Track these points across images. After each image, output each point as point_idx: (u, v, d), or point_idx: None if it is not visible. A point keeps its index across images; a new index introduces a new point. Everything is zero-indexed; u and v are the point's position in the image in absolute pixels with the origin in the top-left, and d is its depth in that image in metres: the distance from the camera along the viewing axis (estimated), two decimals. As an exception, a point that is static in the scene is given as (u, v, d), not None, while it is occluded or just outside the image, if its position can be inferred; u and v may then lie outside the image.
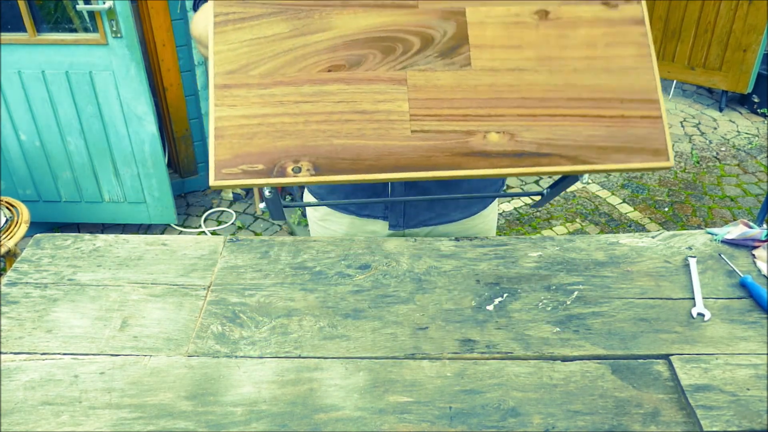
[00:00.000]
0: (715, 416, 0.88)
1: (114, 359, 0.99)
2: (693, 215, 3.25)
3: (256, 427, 0.88)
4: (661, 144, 0.66)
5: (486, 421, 0.89)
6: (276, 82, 0.65)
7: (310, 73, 0.66)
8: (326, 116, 0.64)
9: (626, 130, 0.66)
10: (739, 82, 4.04)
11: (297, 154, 0.63)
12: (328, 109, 0.64)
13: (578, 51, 0.70)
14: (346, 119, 0.64)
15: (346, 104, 0.65)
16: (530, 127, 0.66)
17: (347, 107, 0.65)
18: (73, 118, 2.73)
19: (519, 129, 0.65)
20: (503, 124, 0.65)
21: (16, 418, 0.90)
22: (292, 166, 0.63)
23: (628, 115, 0.67)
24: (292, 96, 0.65)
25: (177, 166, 3.42)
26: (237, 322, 1.06)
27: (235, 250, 1.22)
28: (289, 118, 0.64)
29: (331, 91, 0.65)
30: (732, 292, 1.09)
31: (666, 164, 0.66)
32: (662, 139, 0.66)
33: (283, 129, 0.63)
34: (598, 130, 0.66)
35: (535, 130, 0.65)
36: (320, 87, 0.65)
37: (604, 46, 0.70)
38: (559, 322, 1.05)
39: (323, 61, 0.66)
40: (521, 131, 0.65)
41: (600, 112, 0.67)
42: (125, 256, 1.20)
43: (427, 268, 1.16)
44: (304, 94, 0.65)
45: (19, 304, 1.09)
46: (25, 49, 2.56)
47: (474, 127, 0.65)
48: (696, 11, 4.05)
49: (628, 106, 0.68)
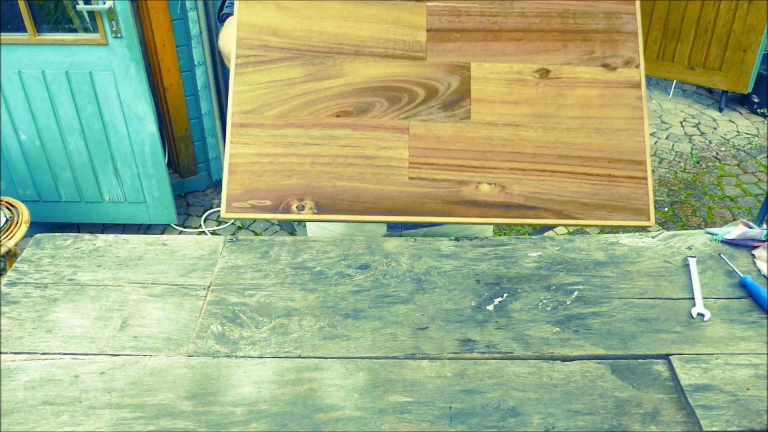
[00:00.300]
0: (714, 416, 0.88)
1: (114, 359, 0.99)
2: (693, 215, 3.25)
3: (256, 427, 0.88)
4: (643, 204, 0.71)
5: (486, 421, 0.89)
6: (288, 124, 0.70)
7: (319, 117, 0.71)
8: (331, 159, 0.69)
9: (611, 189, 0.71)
10: (739, 82, 4.04)
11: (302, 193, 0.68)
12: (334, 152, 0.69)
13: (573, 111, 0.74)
14: (349, 163, 0.69)
15: (351, 149, 0.70)
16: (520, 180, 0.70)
17: (351, 152, 0.70)
18: (73, 118, 2.73)
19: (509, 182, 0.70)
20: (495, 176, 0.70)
21: (16, 418, 0.90)
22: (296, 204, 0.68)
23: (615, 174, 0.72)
24: (302, 138, 0.70)
25: (177, 166, 3.41)
26: (237, 322, 1.06)
27: (235, 250, 1.22)
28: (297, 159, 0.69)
29: (338, 135, 0.70)
30: (732, 292, 1.09)
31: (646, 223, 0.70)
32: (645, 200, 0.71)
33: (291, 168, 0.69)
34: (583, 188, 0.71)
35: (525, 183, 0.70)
36: (328, 131, 0.70)
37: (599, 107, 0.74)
38: (559, 322, 1.05)
39: (333, 107, 0.71)
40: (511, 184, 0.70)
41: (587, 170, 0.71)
42: (125, 256, 1.20)
43: (427, 268, 1.16)
44: (313, 137, 0.70)
45: (19, 304, 1.09)
46: (25, 49, 2.56)
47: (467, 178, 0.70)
48: (696, 11, 4.05)
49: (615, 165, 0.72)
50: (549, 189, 0.70)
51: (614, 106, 0.74)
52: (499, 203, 0.69)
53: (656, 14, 4.24)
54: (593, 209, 0.70)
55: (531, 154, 0.71)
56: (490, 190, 0.69)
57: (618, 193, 0.70)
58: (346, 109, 0.71)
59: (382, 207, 0.67)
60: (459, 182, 0.69)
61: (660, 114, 4.30)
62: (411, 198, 0.68)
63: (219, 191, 3.44)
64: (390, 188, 0.68)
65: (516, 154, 0.71)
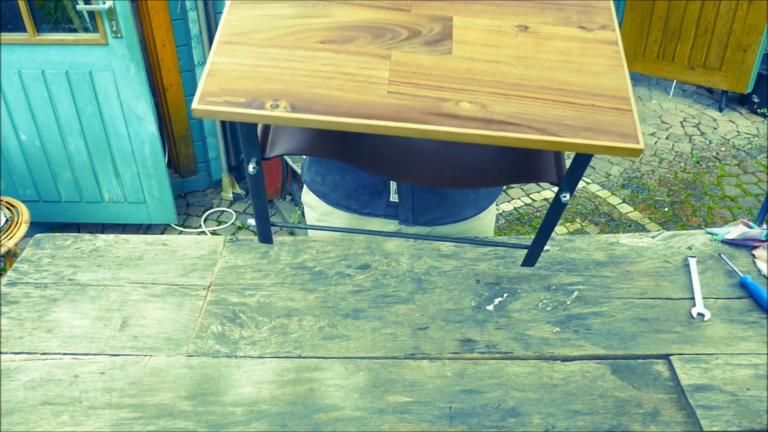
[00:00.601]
0: (715, 416, 0.88)
1: (114, 359, 0.99)
2: (693, 215, 3.25)
3: (256, 427, 0.88)
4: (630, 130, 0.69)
5: (486, 421, 0.89)
6: (273, 45, 0.74)
7: (304, 43, 0.74)
8: (312, 72, 0.71)
9: (595, 116, 0.70)
10: (739, 82, 4.04)
11: (278, 95, 0.69)
12: (315, 67, 0.71)
13: (553, 56, 0.76)
14: (329, 77, 0.71)
15: (332, 66, 0.72)
16: (501, 102, 0.70)
17: (332, 69, 0.72)
18: (73, 118, 2.73)
19: (491, 102, 0.70)
20: (475, 97, 0.70)
21: (16, 418, 0.90)
22: (270, 102, 0.68)
23: (599, 105, 0.71)
24: (285, 56, 0.72)
25: (177, 166, 3.41)
26: (237, 322, 1.06)
27: (235, 250, 1.22)
28: (277, 70, 0.71)
29: (321, 56, 0.73)
30: (732, 292, 1.09)
31: (635, 146, 0.68)
32: (632, 126, 0.69)
33: (270, 76, 0.70)
34: (567, 112, 0.70)
35: (506, 105, 0.70)
36: (312, 53, 0.73)
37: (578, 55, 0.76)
38: (559, 322, 1.05)
39: (318, 36, 0.75)
40: (493, 104, 0.70)
41: (570, 100, 0.71)
42: (125, 256, 1.20)
43: (427, 268, 1.16)
44: (296, 56, 0.73)
45: (19, 304, 1.09)
46: (25, 49, 2.56)
47: (448, 96, 0.70)
48: (696, 11, 4.05)
49: (598, 98, 0.72)
50: (531, 111, 0.69)
51: (593, 55, 0.76)
52: (479, 118, 0.68)
53: (656, 14, 4.24)
54: (578, 130, 0.68)
55: (512, 84, 0.72)
56: (470, 108, 0.69)
57: (603, 119, 0.69)
58: (331, 38, 0.75)
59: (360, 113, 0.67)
60: (439, 98, 0.70)
61: (660, 114, 4.30)
62: (389, 108, 0.68)
63: (219, 191, 3.44)
64: (368, 98, 0.69)
65: (497, 83, 0.72)
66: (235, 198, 3.38)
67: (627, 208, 3.30)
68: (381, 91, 0.70)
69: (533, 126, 0.69)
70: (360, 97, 0.69)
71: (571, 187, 0.81)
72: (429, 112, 0.69)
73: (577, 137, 0.68)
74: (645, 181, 3.54)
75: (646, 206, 3.32)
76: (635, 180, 3.55)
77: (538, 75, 0.74)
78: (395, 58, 0.74)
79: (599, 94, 0.72)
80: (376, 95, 0.70)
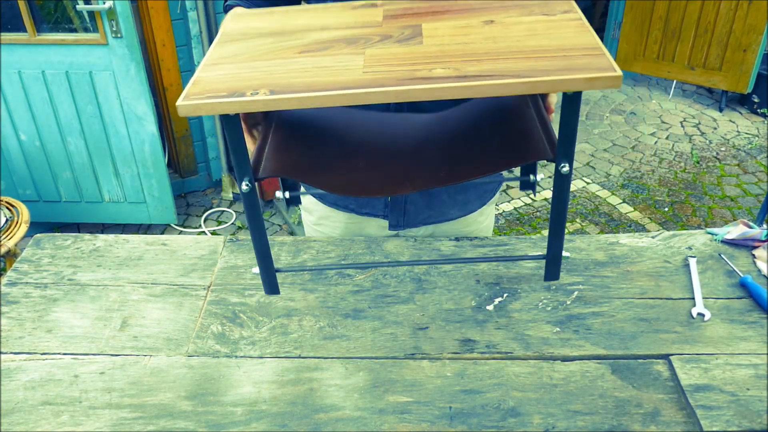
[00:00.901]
0: (715, 416, 0.88)
1: (114, 359, 0.99)
2: (693, 215, 3.25)
3: (256, 427, 0.88)
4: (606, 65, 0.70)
5: (486, 421, 0.89)
6: (254, 60, 0.79)
7: (283, 55, 0.80)
8: (290, 70, 0.76)
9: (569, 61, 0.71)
10: (739, 82, 4.04)
11: (257, 87, 0.72)
12: (293, 68, 0.76)
13: (521, 33, 0.79)
14: (306, 70, 0.75)
15: (309, 65, 0.76)
16: (474, 64, 0.72)
17: (310, 66, 0.76)
18: (73, 118, 2.73)
19: (463, 65, 0.72)
20: (448, 64, 0.73)
21: (16, 418, 0.90)
22: (250, 92, 0.72)
23: (570, 55, 0.73)
24: (265, 65, 0.78)
25: (177, 166, 3.42)
26: (237, 322, 1.06)
27: (235, 250, 1.22)
28: (257, 73, 0.76)
29: (298, 61, 0.78)
30: (732, 292, 1.09)
31: (613, 74, 0.68)
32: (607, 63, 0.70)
33: (250, 77, 0.75)
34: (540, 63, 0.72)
35: (479, 65, 0.72)
36: (290, 60, 0.78)
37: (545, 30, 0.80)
38: (559, 322, 1.05)
39: (297, 49, 0.80)
40: (465, 66, 0.72)
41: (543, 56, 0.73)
42: (125, 256, 1.20)
43: (427, 268, 1.16)
44: (275, 64, 0.78)
45: (19, 304, 1.09)
46: (25, 49, 2.56)
47: (421, 67, 0.73)
48: (696, 11, 4.05)
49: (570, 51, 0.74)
50: (504, 66, 0.71)
51: (560, 28, 0.80)
52: (453, 77, 0.70)
53: (656, 14, 4.24)
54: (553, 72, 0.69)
55: (483, 53, 0.75)
56: (443, 71, 0.71)
57: (576, 62, 0.71)
58: (309, 49, 0.81)
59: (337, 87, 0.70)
60: (412, 70, 0.73)
61: (660, 114, 4.30)
62: (366, 81, 0.71)
63: (219, 191, 3.44)
64: (344, 78, 0.72)
65: (468, 54, 0.75)
66: (235, 198, 3.38)
67: (627, 208, 3.30)
68: (357, 72, 0.73)
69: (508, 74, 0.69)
70: (336, 78, 0.72)
71: (568, 154, 0.79)
72: (404, 79, 0.71)
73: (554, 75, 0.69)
74: (645, 181, 3.54)
75: (646, 206, 3.32)
76: (635, 180, 3.55)
77: (507, 45, 0.76)
78: (369, 53, 0.78)
79: (570, 48, 0.74)
80: (353, 75, 0.73)
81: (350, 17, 0.89)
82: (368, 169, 0.89)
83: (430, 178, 0.86)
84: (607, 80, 0.68)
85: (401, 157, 0.91)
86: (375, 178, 0.88)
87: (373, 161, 0.91)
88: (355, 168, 0.89)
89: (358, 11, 0.90)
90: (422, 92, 0.69)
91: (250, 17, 0.92)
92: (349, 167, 0.89)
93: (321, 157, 0.90)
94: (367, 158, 0.91)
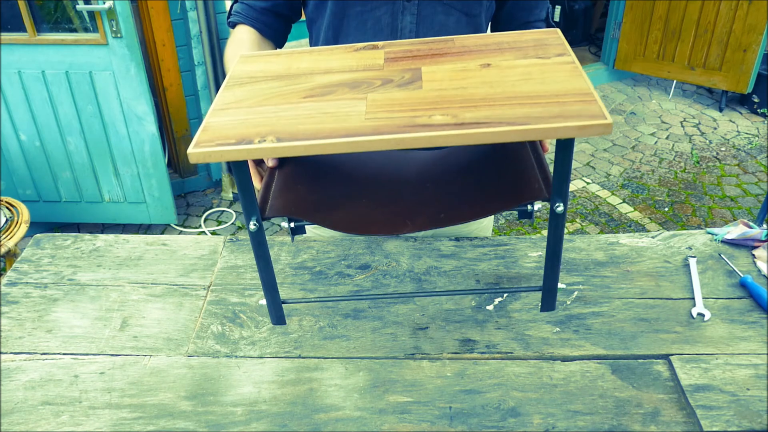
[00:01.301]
0: (715, 416, 0.88)
1: (114, 359, 0.99)
2: (693, 215, 3.25)
3: (256, 427, 0.88)
4: (597, 112, 0.74)
5: (486, 421, 0.89)
6: (261, 105, 0.83)
7: (288, 99, 0.83)
8: (295, 116, 0.79)
9: (562, 107, 0.75)
10: (739, 82, 4.04)
11: (265, 134, 0.76)
12: (298, 113, 0.80)
13: (516, 77, 0.84)
14: (311, 116, 0.78)
15: (314, 110, 0.80)
16: (472, 110, 0.76)
17: (314, 111, 0.80)
18: (73, 118, 2.73)
19: (461, 112, 0.76)
20: (447, 111, 0.77)
21: (16, 418, 0.90)
22: (258, 139, 0.75)
23: (564, 101, 0.77)
24: (271, 110, 0.81)
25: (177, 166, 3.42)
26: (237, 322, 1.06)
27: (235, 250, 1.22)
28: (264, 119, 0.79)
29: (303, 106, 0.81)
30: (732, 292, 1.10)
31: (604, 122, 0.72)
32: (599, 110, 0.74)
33: (258, 124, 0.78)
34: (535, 109, 0.76)
35: (476, 112, 0.76)
36: (295, 105, 0.82)
37: (539, 74, 0.84)
38: (559, 322, 1.05)
39: (302, 94, 0.84)
40: (463, 113, 0.76)
41: (537, 102, 0.77)
42: (125, 256, 1.20)
43: (427, 268, 1.16)
44: (281, 109, 0.81)
45: (19, 304, 1.09)
46: (25, 49, 2.56)
47: (421, 113, 0.77)
48: (696, 11, 4.05)
49: (563, 97, 0.78)
50: (500, 113, 0.75)
51: (554, 72, 0.84)
52: (451, 124, 0.74)
53: (656, 14, 4.24)
54: (547, 119, 0.74)
55: (480, 99, 0.79)
56: (442, 118, 0.76)
57: (570, 109, 0.75)
58: (313, 94, 0.84)
59: (341, 134, 0.74)
60: (413, 116, 0.77)
61: (660, 114, 4.30)
62: (367, 128, 0.75)
63: (219, 191, 3.44)
64: (348, 125, 0.76)
65: (466, 100, 0.79)
66: (235, 198, 3.38)
67: (627, 208, 3.30)
68: (359, 119, 0.77)
69: (503, 122, 0.73)
70: (340, 125, 0.76)
71: (562, 194, 0.82)
72: (404, 126, 0.75)
73: (547, 123, 0.72)
74: (645, 181, 3.54)
75: (646, 206, 3.32)
76: (635, 180, 3.55)
77: (503, 90, 0.80)
78: (371, 98, 0.82)
79: (563, 94, 0.78)
80: (355, 122, 0.77)
81: (353, 60, 0.93)
82: (371, 207, 0.94)
83: (431, 219, 0.90)
84: (598, 128, 0.72)
85: (403, 195, 0.96)
86: (378, 216, 0.92)
87: (375, 199, 0.95)
88: (359, 206, 0.94)
89: (360, 53, 0.95)
90: (422, 140, 0.73)
91: (258, 60, 0.96)
92: (353, 206, 0.94)
93: (325, 196, 0.94)
94: (370, 196, 0.96)
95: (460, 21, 1.16)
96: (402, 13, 1.13)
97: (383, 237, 1.27)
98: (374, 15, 1.13)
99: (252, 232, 0.86)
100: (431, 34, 1.15)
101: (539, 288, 0.95)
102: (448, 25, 1.15)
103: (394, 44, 0.96)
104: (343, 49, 0.97)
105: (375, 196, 0.96)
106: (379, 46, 0.96)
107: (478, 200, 0.91)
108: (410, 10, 1.12)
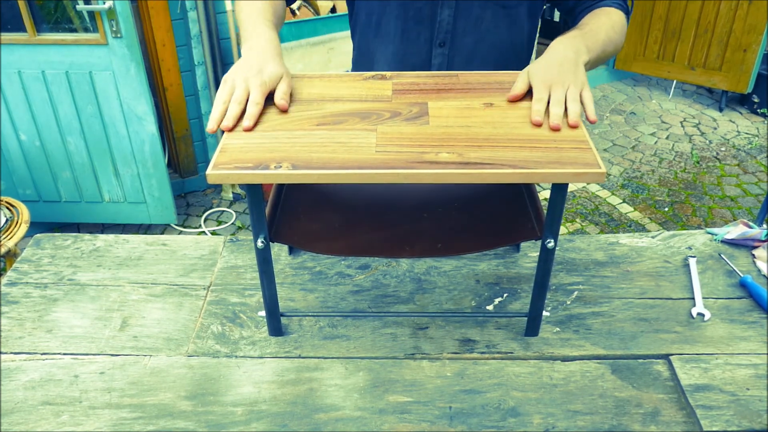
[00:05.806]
0: (715, 416, 0.88)
1: (114, 359, 0.99)
2: (693, 215, 3.25)
3: (256, 427, 0.88)
4: (592, 161, 0.81)
5: (486, 421, 0.89)
6: (275, 129, 0.88)
7: (302, 126, 0.89)
8: (309, 144, 0.84)
9: (560, 153, 0.82)
10: (739, 82, 4.04)
11: (280, 160, 0.81)
12: (312, 140, 0.85)
13: (517, 119, 0.90)
14: (324, 145, 0.84)
15: (327, 138, 0.85)
16: (476, 150, 0.83)
17: (327, 140, 0.85)
18: (73, 118, 2.73)
19: (466, 151, 0.82)
20: (453, 149, 0.83)
21: (16, 418, 0.90)
22: (274, 165, 0.80)
23: (562, 147, 0.84)
24: (286, 135, 0.87)
25: (177, 166, 3.41)
26: (237, 322, 1.06)
27: (235, 250, 1.22)
28: (279, 144, 0.85)
29: (316, 133, 0.87)
30: (732, 292, 1.10)
31: (598, 170, 0.79)
32: (593, 158, 0.81)
33: (273, 149, 0.83)
34: (535, 153, 0.82)
35: (480, 152, 0.82)
36: (309, 131, 0.87)
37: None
38: (559, 322, 1.05)
39: (314, 121, 0.90)
40: (468, 152, 0.82)
41: (536, 145, 0.84)
42: (125, 256, 1.20)
43: (427, 268, 1.16)
44: (295, 135, 0.87)
45: (19, 304, 1.09)
46: (25, 49, 2.56)
47: (428, 150, 0.83)
48: (696, 11, 4.05)
49: (561, 143, 0.84)
50: (503, 154, 0.82)
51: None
52: (457, 162, 0.80)
53: (656, 14, 4.24)
54: (546, 164, 0.80)
55: (484, 139, 0.85)
56: (448, 156, 0.81)
57: (567, 155, 0.82)
58: (325, 122, 0.89)
59: (352, 166, 0.79)
60: (421, 152, 0.82)
61: (660, 114, 4.30)
62: (378, 161, 0.80)
63: (219, 191, 3.44)
64: (359, 156, 0.81)
65: (471, 139, 0.85)
66: (235, 198, 3.38)
67: (627, 208, 3.30)
68: (370, 151, 0.82)
69: (506, 164, 0.80)
70: (352, 156, 0.81)
71: (554, 232, 0.88)
72: (413, 161, 0.80)
73: (546, 168, 0.79)
74: (645, 181, 3.54)
75: (646, 206, 3.32)
76: (635, 180, 3.55)
77: (505, 132, 0.87)
78: (381, 130, 0.87)
79: (561, 140, 0.85)
80: (366, 154, 0.82)
81: (362, 89, 0.98)
82: (371, 232, 0.99)
83: (428, 248, 0.95)
84: (592, 176, 0.80)
85: (403, 221, 1.00)
86: (378, 241, 0.97)
87: (376, 225, 1.00)
88: (359, 231, 0.98)
89: (368, 83, 1.00)
90: (429, 176, 0.79)
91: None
92: (354, 231, 0.98)
93: (328, 223, 0.99)
94: (371, 221, 1.00)
95: (497, 13, 1.17)
96: (441, 7, 1.16)
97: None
98: (415, 6, 1.17)
99: (259, 249, 0.90)
100: (468, 27, 1.18)
101: (525, 314, 1.01)
102: (484, 18, 1.17)
103: (402, 75, 1.02)
104: (352, 78, 1.02)
105: (376, 221, 1.01)
106: (387, 76, 1.02)
107: (473, 236, 0.98)
108: (449, 5, 1.16)
